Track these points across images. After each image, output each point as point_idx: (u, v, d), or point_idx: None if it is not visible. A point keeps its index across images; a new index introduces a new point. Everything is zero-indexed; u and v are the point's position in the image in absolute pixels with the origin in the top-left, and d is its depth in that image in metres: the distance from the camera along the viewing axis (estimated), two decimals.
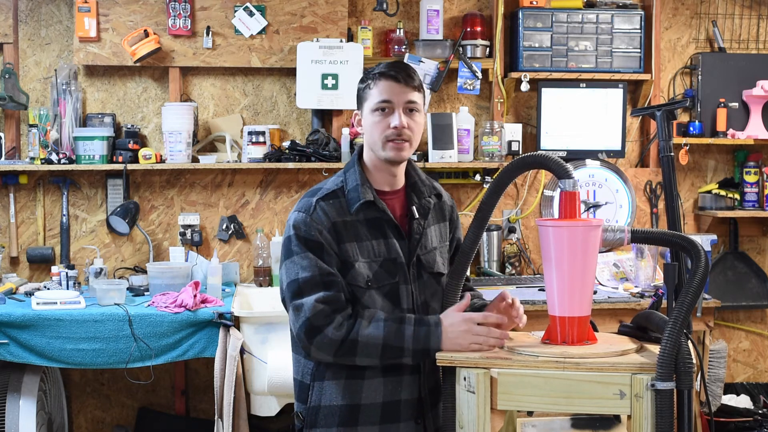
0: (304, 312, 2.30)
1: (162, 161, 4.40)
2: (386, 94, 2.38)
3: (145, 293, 4.16)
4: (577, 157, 4.64)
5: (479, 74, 4.60)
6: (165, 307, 3.82)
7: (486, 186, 4.63)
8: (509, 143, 4.61)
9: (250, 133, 4.40)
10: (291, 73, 4.53)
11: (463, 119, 4.56)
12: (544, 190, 4.70)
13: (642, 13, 4.63)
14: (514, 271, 4.63)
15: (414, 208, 2.47)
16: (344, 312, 2.32)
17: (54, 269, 4.23)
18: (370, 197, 2.40)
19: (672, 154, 2.79)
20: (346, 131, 4.44)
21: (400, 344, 2.28)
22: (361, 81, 2.46)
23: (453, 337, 2.26)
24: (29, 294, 4.05)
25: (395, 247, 2.41)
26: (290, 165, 4.38)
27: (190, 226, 4.48)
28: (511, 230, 4.70)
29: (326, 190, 2.43)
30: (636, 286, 4.33)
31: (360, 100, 2.46)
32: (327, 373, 2.39)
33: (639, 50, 4.64)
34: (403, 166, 2.48)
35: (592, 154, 4.66)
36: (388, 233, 2.42)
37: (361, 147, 2.51)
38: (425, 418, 2.44)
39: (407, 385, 2.40)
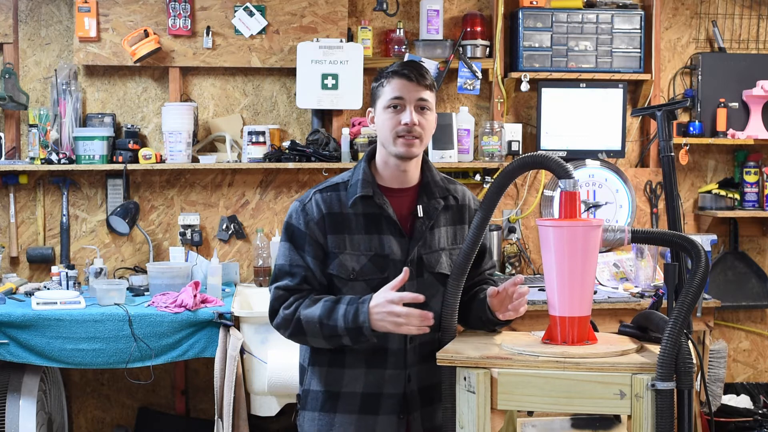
0: (271, 296, 2.46)
1: (162, 161, 4.40)
2: (398, 92, 2.43)
3: (145, 293, 4.16)
4: (577, 157, 4.64)
5: (479, 74, 4.60)
6: (165, 307, 3.82)
7: (486, 186, 4.63)
8: (509, 143, 4.61)
9: (250, 133, 4.40)
10: (291, 73, 4.54)
11: (463, 119, 4.56)
12: (544, 190, 4.70)
13: (642, 13, 4.63)
14: (514, 271, 4.63)
15: (420, 207, 2.49)
16: (299, 294, 2.42)
17: (54, 269, 4.24)
18: (369, 192, 2.45)
19: (672, 154, 2.79)
20: (346, 131, 4.44)
21: (334, 323, 2.34)
22: (375, 79, 2.51)
23: (378, 318, 2.31)
24: (29, 294, 4.05)
25: (389, 243, 2.44)
26: (290, 165, 4.38)
27: (190, 226, 4.48)
28: (511, 230, 4.70)
29: (329, 183, 2.52)
30: (636, 286, 4.33)
31: (373, 97, 2.51)
32: (316, 359, 2.49)
33: (639, 50, 4.64)
34: (416, 164, 2.51)
35: (592, 154, 4.66)
36: (384, 229, 2.45)
37: (375, 144, 2.54)
38: (410, 414, 2.45)
39: (390, 380, 2.44)
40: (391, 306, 2.29)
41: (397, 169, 2.48)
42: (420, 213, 2.48)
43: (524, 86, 4.56)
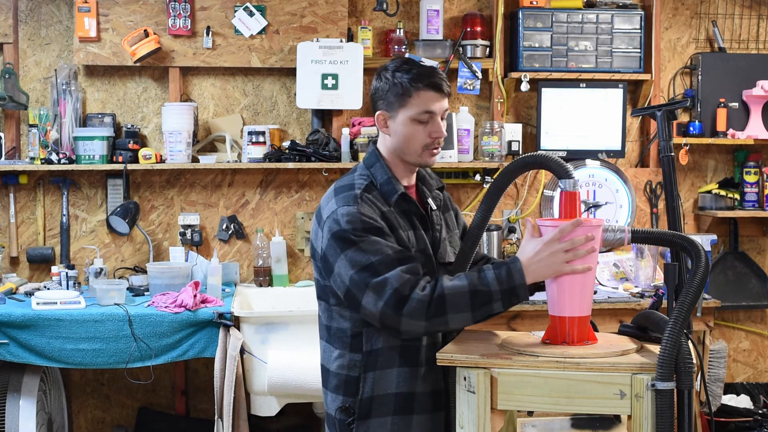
0: (390, 284, 2.24)
1: (162, 161, 4.40)
2: (430, 106, 2.40)
3: (145, 293, 4.16)
4: (577, 157, 4.64)
5: (479, 74, 4.60)
6: (165, 307, 3.82)
7: (486, 186, 4.63)
8: (509, 143, 4.61)
9: (250, 133, 4.40)
10: (291, 73, 4.53)
11: (463, 119, 4.56)
12: (544, 190, 4.70)
13: (642, 13, 4.63)
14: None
15: (430, 200, 2.53)
16: (424, 278, 2.30)
17: (54, 269, 4.24)
18: (403, 189, 2.44)
19: (672, 154, 2.79)
20: (346, 131, 4.44)
21: (486, 287, 2.23)
22: (395, 85, 2.42)
23: (542, 265, 2.22)
24: (29, 294, 4.05)
25: (423, 238, 2.46)
26: (290, 165, 4.38)
27: (190, 226, 4.48)
28: (511, 230, 4.70)
29: (361, 184, 2.42)
30: (636, 286, 4.33)
31: (390, 103, 2.43)
32: (378, 362, 2.39)
33: (639, 50, 4.64)
34: None
35: (592, 154, 4.66)
36: (417, 225, 2.46)
37: (375, 142, 2.53)
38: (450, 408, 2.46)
39: (442, 376, 2.42)
40: (553, 245, 2.21)
41: (408, 171, 2.50)
42: (433, 205, 2.52)
43: (524, 86, 4.56)
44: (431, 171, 2.61)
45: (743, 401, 4.82)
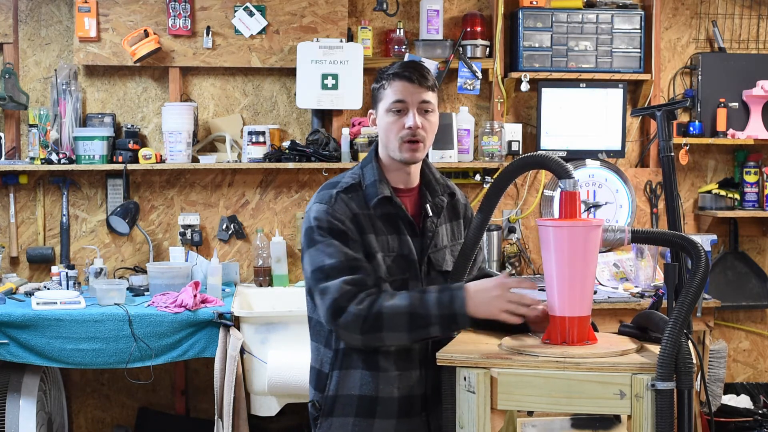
0: (330, 293, 2.29)
1: (162, 161, 4.40)
2: (400, 95, 2.40)
3: (145, 293, 4.16)
4: (577, 157, 4.64)
5: (479, 74, 4.60)
6: (165, 307, 3.82)
7: (486, 186, 4.63)
8: (509, 143, 4.61)
9: (250, 133, 4.40)
10: (291, 73, 4.54)
11: (463, 119, 4.56)
12: (544, 190, 4.70)
13: (642, 13, 4.63)
14: (514, 271, 4.63)
15: (428, 206, 2.49)
16: (367, 290, 2.31)
17: (54, 269, 4.24)
18: (387, 193, 2.42)
19: (672, 154, 2.79)
20: (346, 131, 4.44)
21: (425, 311, 2.26)
22: (376, 81, 2.47)
23: (483, 301, 2.25)
24: (29, 294, 4.05)
25: (408, 244, 2.43)
26: (290, 165, 4.38)
27: (190, 226, 4.48)
28: (511, 230, 4.70)
29: (345, 184, 2.44)
30: (636, 286, 4.33)
31: (374, 100, 2.48)
32: (344, 362, 2.40)
33: (639, 50, 4.64)
34: (418, 165, 2.50)
35: (592, 154, 4.66)
36: (403, 229, 2.44)
37: (377, 143, 2.51)
38: (429, 414, 2.45)
39: (417, 381, 2.42)
40: (502, 289, 2.25)
41: (402, 171, 2.47)
42: (429, 212, 2.49)
43: (524, 86, 4.56)
44: (439, 176, 2.57)
45: (743, 401, 4.82)
